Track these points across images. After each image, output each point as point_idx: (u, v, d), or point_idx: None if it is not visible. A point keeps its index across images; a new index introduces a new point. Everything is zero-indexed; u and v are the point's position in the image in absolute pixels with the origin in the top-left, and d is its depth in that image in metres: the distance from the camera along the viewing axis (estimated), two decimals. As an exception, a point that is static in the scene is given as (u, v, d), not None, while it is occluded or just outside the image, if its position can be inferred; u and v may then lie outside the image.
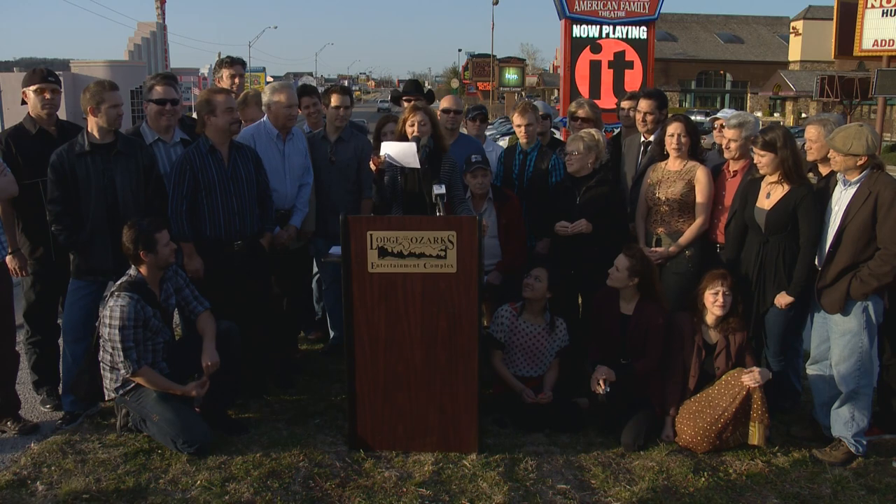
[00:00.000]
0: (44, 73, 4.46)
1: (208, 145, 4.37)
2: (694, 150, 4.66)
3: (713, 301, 4.13)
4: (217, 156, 4.39)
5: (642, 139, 5.15)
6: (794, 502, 3.61)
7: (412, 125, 4.50)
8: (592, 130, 4.86)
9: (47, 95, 4.39)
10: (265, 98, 4.87)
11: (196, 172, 4.32)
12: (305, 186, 5.01)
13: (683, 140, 4.61)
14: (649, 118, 5.04)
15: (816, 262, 4.04)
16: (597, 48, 7.36)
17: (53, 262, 4.42)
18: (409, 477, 3.75)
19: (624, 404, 4.20)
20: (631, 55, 7.37)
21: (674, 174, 4.64)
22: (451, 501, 3.55)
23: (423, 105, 4.71)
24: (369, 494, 3.59)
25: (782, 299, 4.10)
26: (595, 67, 7.38)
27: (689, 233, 4.59)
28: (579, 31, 7.36)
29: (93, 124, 4.23)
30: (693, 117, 7.80)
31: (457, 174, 4.67)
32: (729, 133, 4.51)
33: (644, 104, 5.07)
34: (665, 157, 4.74)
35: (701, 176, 4.57)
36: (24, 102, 4.49)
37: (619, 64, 7.39)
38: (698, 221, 4.57)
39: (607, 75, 7.39)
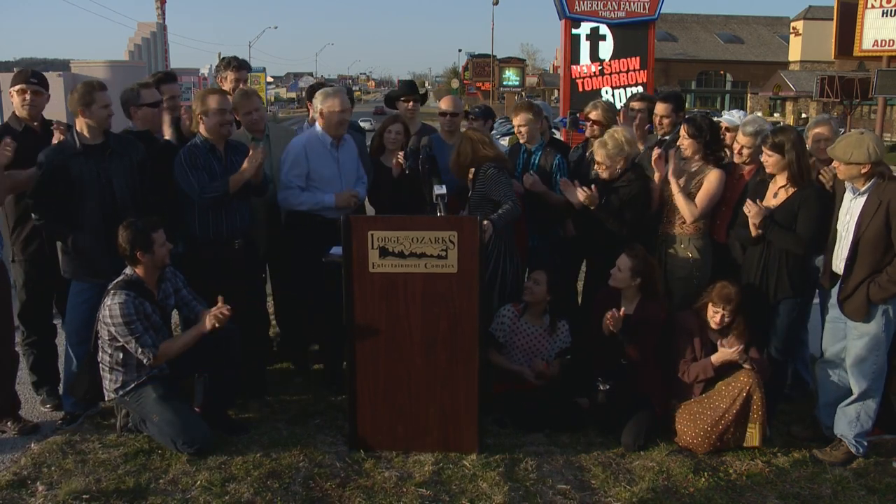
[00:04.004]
0: (27, 74, 4.43)
1: (208, 144, 4.38)
2: (708, 150, 4.51)
3: (711, 317, 4.15)
4: (216, 154, 4.41)
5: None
6: (794, 502, 3.61)
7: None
8: (614, 132, 4.68)
9: (27, 97, 4.35)
10: (316, 104, 4.68)
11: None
12: (362, 185, 4.93)
13: (686, 143, 4.53)
14: (665, 121, 5.08)
15: (834, 269, 3.98)
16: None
17: (46, 257, 4.40)
18: (409, 477, 3.75)
19: (624, 404, 4.20)
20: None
21: (686, 175, 4.60)
22: (451, 501, 3.56)
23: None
24: (369, 494, 3.59)
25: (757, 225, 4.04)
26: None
27: (679, 204, 4.47)
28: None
29: (82, 125, 4.19)
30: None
31: (492, 183, 4.46)
32: (743, 140, 4.45)
33: (660, 108, 5.09)
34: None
35: (711, 176, 4.48)
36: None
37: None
38: (692, 205, 4.45)
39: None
